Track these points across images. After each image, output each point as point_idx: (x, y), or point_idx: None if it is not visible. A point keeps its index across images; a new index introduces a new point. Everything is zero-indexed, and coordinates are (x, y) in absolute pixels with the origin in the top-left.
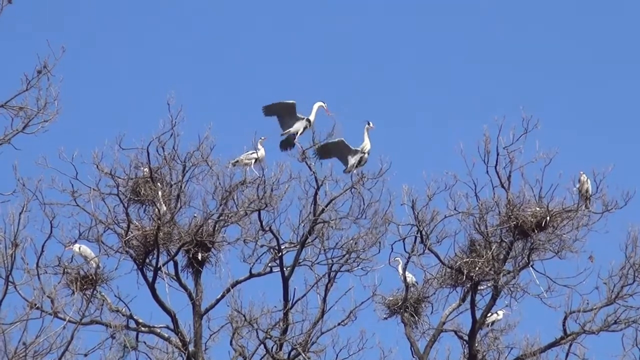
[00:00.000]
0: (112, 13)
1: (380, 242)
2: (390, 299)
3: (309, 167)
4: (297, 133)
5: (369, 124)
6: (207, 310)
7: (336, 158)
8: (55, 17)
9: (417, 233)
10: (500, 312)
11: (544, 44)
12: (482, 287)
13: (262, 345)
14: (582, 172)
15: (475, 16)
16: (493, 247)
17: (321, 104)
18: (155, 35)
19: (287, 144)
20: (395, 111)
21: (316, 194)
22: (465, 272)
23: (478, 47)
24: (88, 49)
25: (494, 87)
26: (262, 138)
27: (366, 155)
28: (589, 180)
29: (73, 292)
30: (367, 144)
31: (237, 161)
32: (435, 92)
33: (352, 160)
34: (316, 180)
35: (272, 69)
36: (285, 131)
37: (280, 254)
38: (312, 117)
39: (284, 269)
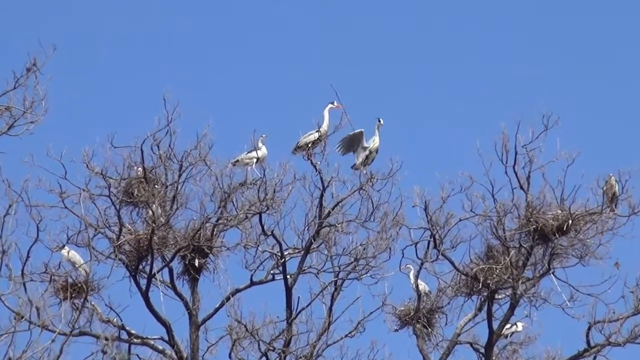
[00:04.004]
0: (104, 3)
1: (390, 248)
2: (402, 309)
3: (314, 167)
4: (307, 145)
5: (379, 121)
6: (204, 321)
7: (354, 151)
8: (43, 10)
9: (430, 238)
10: (520, 325)
11: (563, 35)
12: (499, 296)
13: (263, 358)
14: (611, 175)
15: (491, 8)
16: (511, 253)
17: (330, 105)
18: (150, 28)
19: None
20: (407, 108)
21: (322, 195)
22: (481, 279)
23: (493, 39)
24: (77, 41)
25: (512, 81)
26: (263, 136)
27: (374, 153)
28: (617, 184)
29: (61, 302)
30: (375, 142)
31: (237, 160)
32: (448, 87)
33: (360, 157)
34: (322, 181)
35: (274, 62)
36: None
37: (283, 260)
38: (324, 126)
39: (288, 276)
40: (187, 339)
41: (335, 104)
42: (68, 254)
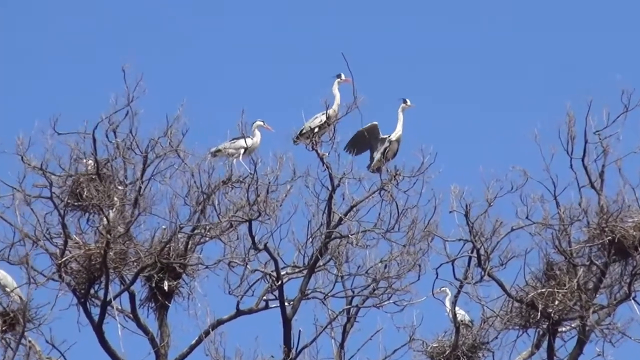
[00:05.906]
0: None
1: (420, 266)
2: (435, 345)
3: (321, 160)
4: (313, 132)
5: (405, 102)
6: None
7: (369, 150)
8: None
9: (472, 252)
10: None
11: None
12: (564, 329)
13: None
14: None
15: None
16: (579, 273)
17: (338, 80)
18: None
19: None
20: (441, 85)
21: (331, 197)
22: (540, 307)
23: None
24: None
25: (581, 50)
26: (261, 122)
27: (395, 144)
28: None
29: None
30: (397, 131)
31: (219, 150)
32: (495, 58)
33: (377, 153)
34: (331, 179)
35: (267, 30)
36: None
37: (280, 282)
38: (335, 106)
39: (286, 303)
40: None
41: (343, 77)
42: None
